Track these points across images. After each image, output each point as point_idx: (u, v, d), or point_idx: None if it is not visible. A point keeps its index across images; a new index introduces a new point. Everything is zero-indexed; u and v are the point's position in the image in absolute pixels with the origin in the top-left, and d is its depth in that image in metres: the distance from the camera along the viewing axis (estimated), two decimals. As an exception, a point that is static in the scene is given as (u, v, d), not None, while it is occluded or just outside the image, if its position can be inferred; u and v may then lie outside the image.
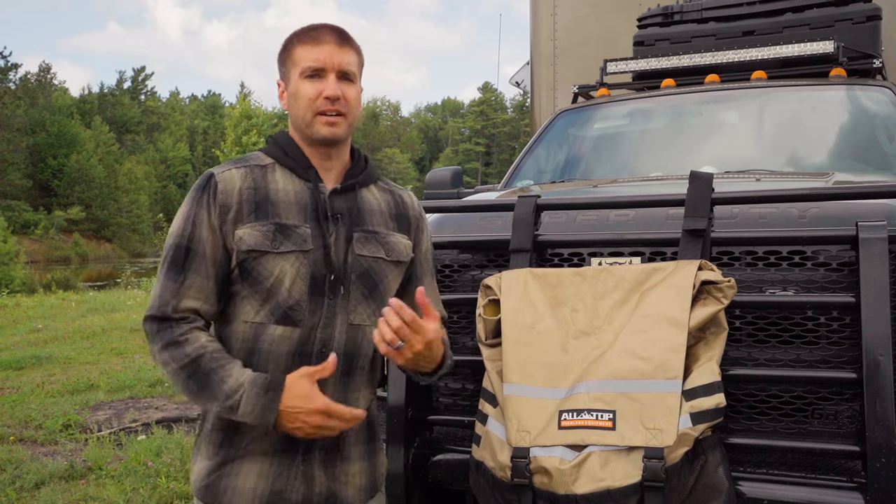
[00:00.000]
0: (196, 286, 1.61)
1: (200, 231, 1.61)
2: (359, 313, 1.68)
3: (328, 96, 1.64)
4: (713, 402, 1.74)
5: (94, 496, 4.12)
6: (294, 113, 1.69)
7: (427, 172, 4.39)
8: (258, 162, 1.70)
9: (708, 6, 4.42)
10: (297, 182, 1.68)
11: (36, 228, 52.08)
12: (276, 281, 1.61)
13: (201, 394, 1.56)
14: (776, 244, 1.97)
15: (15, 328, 11.39)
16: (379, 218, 1.76)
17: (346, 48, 1.69)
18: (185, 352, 1.56)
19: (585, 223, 2.22)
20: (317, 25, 1.71)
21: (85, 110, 68.37)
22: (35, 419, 5.75)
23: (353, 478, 1.71)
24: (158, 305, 1.60)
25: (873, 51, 3.96)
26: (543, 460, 1.79)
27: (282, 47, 1.73)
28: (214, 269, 1.62)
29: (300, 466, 1.64)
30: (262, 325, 1.62)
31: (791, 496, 1.83)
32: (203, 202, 1.63)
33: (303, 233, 1.63)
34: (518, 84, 8.40)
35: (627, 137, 3.99)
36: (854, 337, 1.86)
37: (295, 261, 1.61)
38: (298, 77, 1.66)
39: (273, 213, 1.63)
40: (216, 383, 1.54)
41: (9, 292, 18.10)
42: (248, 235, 1.60)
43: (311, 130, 1.66)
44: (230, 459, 1.63)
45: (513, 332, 1.98)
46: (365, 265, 1.69)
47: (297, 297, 1.61)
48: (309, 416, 1.52)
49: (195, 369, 1.55)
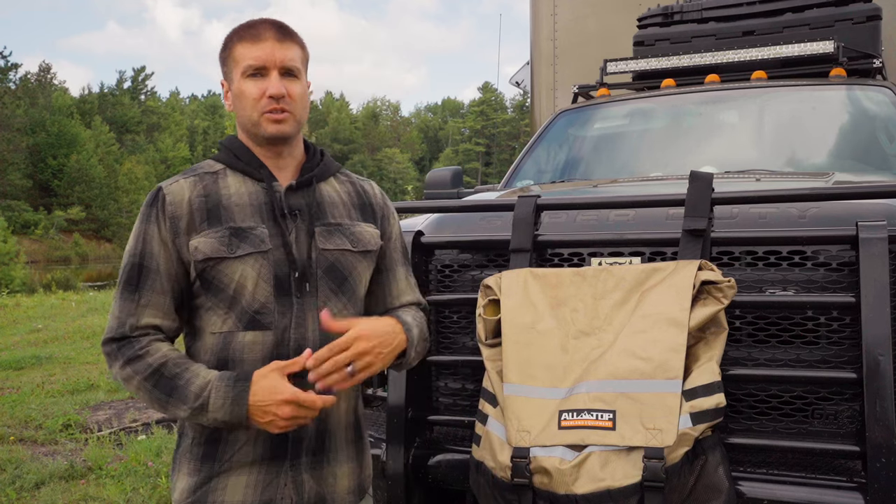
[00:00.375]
0: (153, 303, 1.58)
1: (152, 247, 1.58)
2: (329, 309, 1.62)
3: (272, 95, 1.59)
4: (713, 402, 1.74)
5: (94, 496, 4.12)
6: (240, 114, 1.65)
7: (427, 172, 4.40)
8: (208, 169, 1.67)
9: (708, 6, 4.42)
10: (251, 184, 1.65)
11: (36, 228, 52.07)
12: (238, 286, 1.57)
13: (170, 400, 1.52)
14: (776, 244, 1.97)
15: (15, 328, 11.39)
16: (341, 209, 1.72)
17: (288, 43, 1.64)
18: (147, 363, 1.53)
19: (585, 223, 2.22)
20: (256, 22, 1.66)
21: (85, 110, 68.35)
22: (35, 419, 5.75)
23: (342, 479, 1.69)
24: (116, 326, 1.57)
25: (873, 51, 3.96)
26: (543, 460, 1.79)
27: (222, 46, 1.68)
28: (170, 285, 1.59)
29: (289, 472, 1.60)
30: (231, 334, 1.58)
31: (791, 496, 1.83)
32: (152, 217, 1.60)
33: (259, 234, 1.59)
34: (518, 84, 8.40)
35: (627, 137, 3.99)
36: (854, 337, 1.86)
37: (255, 263, 1.58)
38: (240, 76, 1.62)
39: (227, 218, 1.59)
40: (183, 386, 1.51)
41: (9, 292, 18.10)
42: (203, 244, 1.57)
43: (258, 130, 1.63)
44: (215, 474, 1.59)
45: (513, 332, 1.98)
46: (331, 259, 1.65)
47: (262, 299, 1.58)
48: (279, 407, 1.47)
49: (159, 377, 1.52)
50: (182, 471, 1.63)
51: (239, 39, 1.64)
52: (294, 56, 1.64)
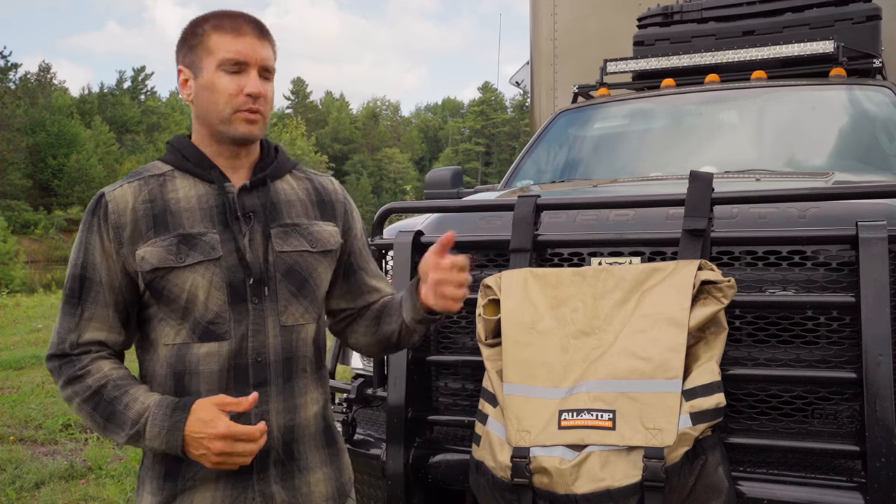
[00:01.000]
0: (97, 317, 1.50)
1: (93, 257, 1.50)
2: (290, 313, 1.57)
3: (251, 93, 1.51)
4: (713, 402, 1.74)
5: (94, 496, 4.12)
6: (206, 107, 1.54)
7: (427, 172, 4.40)
8: (154, 171, 1.57)
9: (708, 6, 4.42)
10: (201, 186, 1.55)
11: (36, 228, 52.08)
12: (189, 296, 1.49)
13: (108, 425, 1.45)
14: (776, 244, 1.97)
15: (15, 328, 11.39)
16: (298, 208, 1.64)
17: (266, 42, 1.56)
18: (86, 384, 1.46)
19: (585, 223, 2.22)
20: (233, 13, 1.56)
21: (85, 110, 68.35)
22: (35, 419, 5.75)
23: (317, 486, 1.61)
24: (58, 343, 1.50)
25: (873, 51, 3.96)
26: (543, 460, 1.79)
27: (189, 31, 1.57)
28: (114, 297, 1.51)
29: (256, 486, 1.53)
30: (185, 346, 1.50)
31: (791, 496, 1.83)
32: (94, 226, 1.51)
33: (209, 240, 1.51)
34: (518, 84, 8.40)
35: (627, 137, 3.99)
36: (854, 337, 1.86)
37: (205, 271, 1.49)
38: (216, 68, 1.51)
39: (175, 225, 1.50)
40: (121, 411, 1.44)
41: (9, 292, 18.10)
42: (150, 254, 1.48)
43: (228, 128, 1.53)
44: (178, 492, 1.51)
45: (513, 331, 1.98)
46: (289, 261, 1.57)
47: (216, 309, 1.50)
48: (211, 442, 1.39)
49: (98, 400, 1.45)
50: (145, 490, 1.55)
51: (215, 29, 1.53)
52: (270, 55, 1.57)
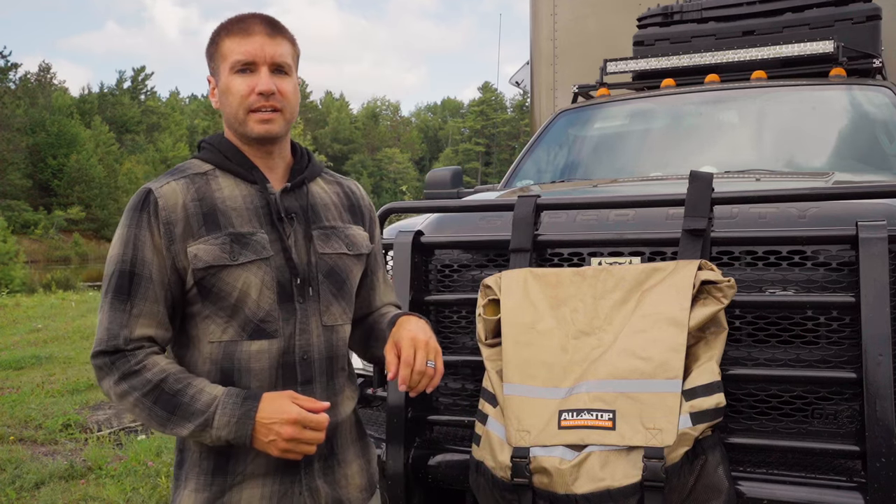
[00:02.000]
0: (147, 312, 1.49)
1: (144, 253, 1.49)
2: (331, 314, 1.62)
3: (261, 91, 1.52)
4: (713, 402, 1.74)
5: (94, 496, 4.12)
6: (226, 111, 1.58)
7: (427, 172, 4.40)
8: (197, 170, 1.58)
9: (708, 6, 4.42)
10: (243, 186, 1.57)
11: (36, 228, 52.06)
12: (240, 294, 1.51)
13: (172, 417, 1.45)
14: (776, 244, 1.97)
15: (15, 328, 11.39)
16: (334, 212, 1.68)
17: (279, 38, 1.57)
18: (145, 378, 1.45)
19: (585, 223, 2.22)
20: (245, 16, 1.59)
21: (85, 110, 68.33)
22: (35, 419, 5.75)
23: (353, 478, 1.67)
24: (108, 339, 1.47)
25: (873, 51, 3.96)
26: (543, 460, 1.79)
27: (209, 41, 1.60)
28: (164, 293, 1.51)
29: (303, 481, 1.57)
30: (234, 343, 1.52)
31: (791, 496, 1.82)
32: (143, 222, 1.50)
33: (260, 239, 1.53)
34: (518, 84, 8.40)
35: (627, 137, 3.99)
36: (854, 337, 1.86)
37: (257, 270, 1.52)
38: (228, 72, 1.54)
39: (225, 223, 1.52)
40: (187, 403, 1.44)
41: (9, 292, 18.09)
42: (203, 251, 1.49)
43: (245, 129, 1.56)
44: (228, 487, 1.52)
45: (513, 331, 1.98)
46: (330, 263, 1.62)
47: (266, 307, 1.53)
48: (282, 427, 1.42)
49: (160, 394, 1.44)
50: (189, 487, 1.54)
51: (227, 33, 1.56)
52: (284, 52, 1.57)
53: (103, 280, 1.53)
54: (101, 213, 58.82)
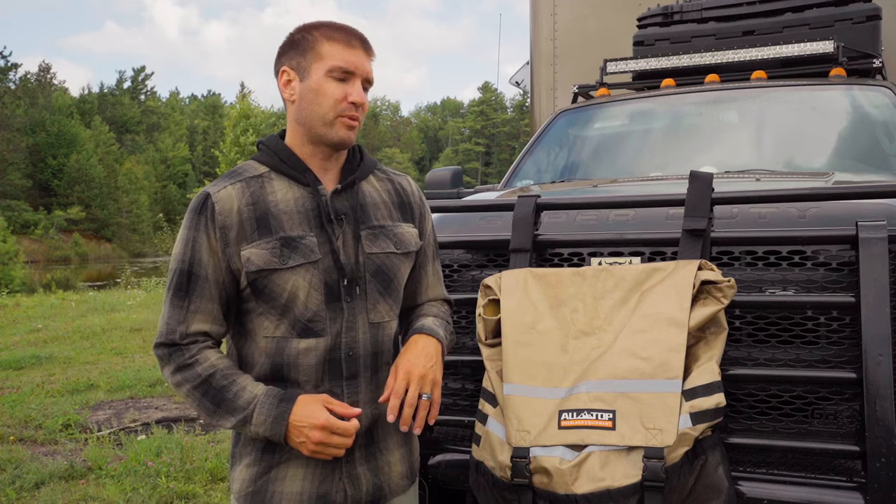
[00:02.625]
0: (202, 310, 1.61)
1: (201, 255, 1.60)
2: (378, 311, 1.69)
3: (355, 101, 1.63)
4: (713, 402, 1.74)
5: (94, 496, 4.12)
6: (310, 109, 1.65)
7: (427, 172, 4.40)
8: (253, 173, 1.67)
9: (708, 6, 4.42)
10: (296, 188, 1.66)
11: (36, 228, 52.07)
12: (290, 296, 1.60)
13: (217, 410, 1.58)
14: (776, 244, 1.97)
15: (15, 328, 11.39)
16: (383, 210, 1.75)
17: (371, 56, 1.70)
18: (196, 372, 1.58)
19: (585, 223, 2.22)
20: (344, 26, 1.69)
21: (85, 110, 68.37)
22: (35, 419, 5.75)
23: (395, 466, 1.74)
24: (167, 332, 1.61)
25: (873, 51, 3.96)
26: (543, 460, 1.79)
27: (300, 36, 1.68)
28: (218, 292, 1.62)
29: (344, 468, 1.66)
30: (285, 339, 1.62)
31: (791, 496, 1.82)
32: (201, 225, 1.61)
33: (309, 243, 1.61)
34: (518, 84, 8.39)
35: (627, 137, 3.99)
36: (854, 337, 1.86)
37: (305, 273, 1.60)
38: (325, 74, 1.63)
39: (276, 228, 1.61)
40: (231, 399, 1.57)
41: (9, 292, 18.10)
42: (255, 255, 1.59)
43: (329, 131, 1.64)
44: (275, 464, 1.64)
45: (513, 331, 1.98)
46: (377, 262, 1.69)
47: (314, 308, 1.62)
48: (311, 431, 1.53)
49: (208, 388, 1.57)
50: (243, 462, 1.68)
51: (328, 38, 1.65)
52: (373, 70, 1.69)
53: (167, 276, 1.66)
54: (101, 213, 58.84)
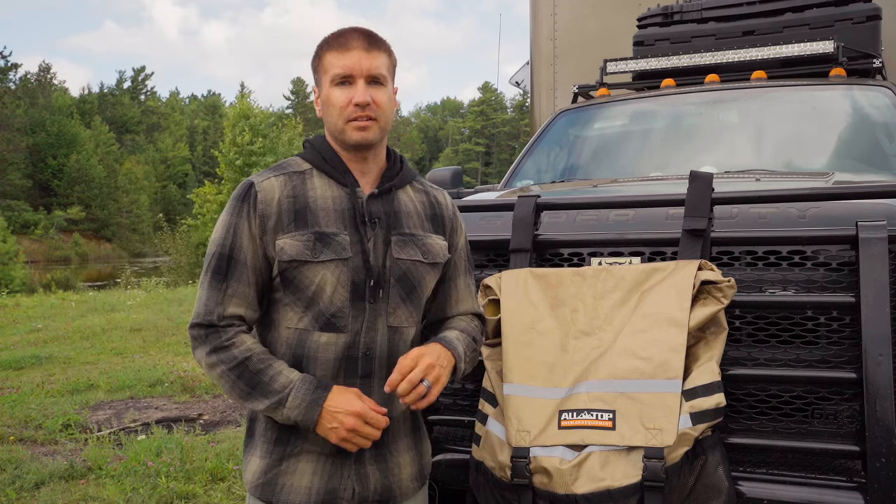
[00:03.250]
0: (239, 294, 1.65)
1: (241, 240, 1.66)
2: (397, 316, 1.71)
3: (357, 103, 1.66)
4: (713, 402, 1.74)
5: (94, 496, 4.12)
6: (327, 119, 1.72)
7: (427, 172, 4.40)
8: (296, 168, 1.74)
9: (708, 6, 4.42)
10: (335, 188, 1.71)
11: (36, 228, 52.07)
12: (317, 289, 1.65)
13: (252, 392, 1.61)
14: (776, 244, 1.97)
15: (15, 328, 11.39)
16: (416, 220, 1.78)
17: (375, 52, 1.70)
18: (232, 354, 1.61)
19: (585, 223, 2.22)
20: (345, 31, 1.73)
21: (85, 110, 68.39)
22: (35, 419, 5.75)
23: (405, 468, 1.76)
24: (204, 313, 1.64)
25: (873, 51, 3.96)
26: (543, 460, 1.79)
27: (314, 54, 1.75)
28: (255, 277, 1.66)
29: (353, 466, 1.69)
30: (307, 332, 1.67)
31: (791, 496, 1.83)
32: (243, 212, 1.66)
33: (342, 240, 1.66)
34: (518, 84, 8.39)
35: (627, 137, 3.99)
36: (854, 337, 1.86)
37: (335, 269, 1.65)
38: (329, 84, 1.69)
39: (312, 222, 1.66)
40: (267, 382, 1.60)
41: (9, 292, 18.10)
42: (289, 245, 1.64)
43: (344, 136, 1.69)
44: (286, 457, 1.68)
45: (513, 331, 1.98)
46: (403, 268, 1.72)
47: (339, 304, 1.66)
48: (346, 416, 1.57)
49: (244, 370, 1.61)
50: (256, 454, 1.72)
51: (328, 48, 1.71)
52: (380, 64, 1.70)
53: (205, 259, 1.70)
54: (101, 213, 58.84)
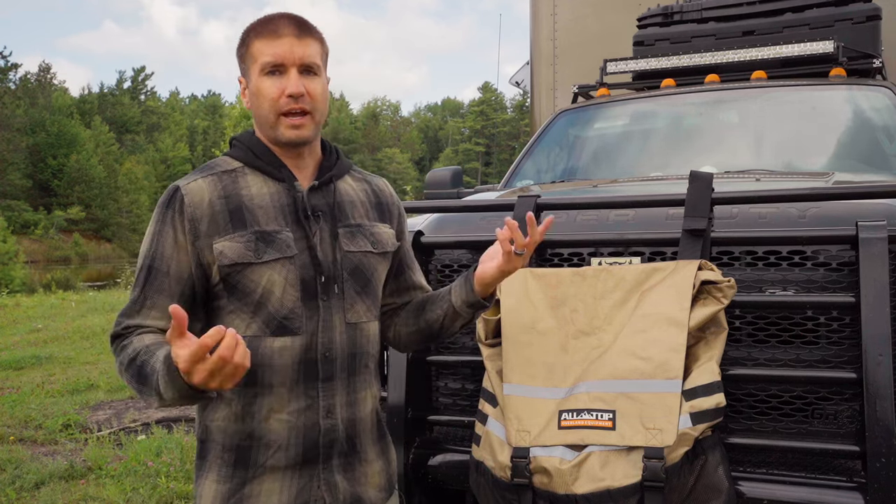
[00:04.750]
0: (157, 306, 1.52)
1: (164, 249, 1.53)
2: (355, 311, 1.63)
3: (291, 94, 1.54)
4: (713, 402, 1.74)
5: (94, 496, 4.12)
6: (257, 112, 1.60)
7: (427, 172, 4.40)
8: (225, 167, 1.61)
9: (708, 6, 4.42)
10: (271, 184, 1.60)
11: (36, 228, 52.09)
12: (264, 292, 1.53)
13: (144, 389, 1.42)
14: (776, 244, 1.97)
15: (15, 328, 11.39)
16: (360, 209, 1.70)
17: (307, 39, 1.57)
18: (127, 353, 1.47)
19: (585, 223, 2.22)
20: (274, 16, 1.60)
21: (85, 110, 68.38)
22: (35, 419, 5.75)
23: (373, 478, 1.68)
24: (116, 325, 1.53)
25: (873, 51, 3.96)
26: (543, 460, 1.79)
27: (239, 41, 1.62)
28: (180, 288, 1.53)
29: (321, 475, 1.59)
30: (257, 338, 1.54)
31: (791, 496, 1.83)
32: (167, 218, 1.54)
33: (285, 238, 1.56)
34: (518, 84, 8.39)
35: (627, 137, 3.99)
36: (854, 337, 1.86)
37: (281, 268, 1.54)
38: (258, 74, 1.56)
39: (251, 221, 1.54)
40: (148, 374, 1.40)
41: (9, 292, 18.09)
42: (229, 248, 1.52)
43: (276, 133, 1.58)
44: (248, 479, 1.56)
45: (513, 331, 1.98)
46: (355, 261, 1.63)
47: (290, 305, 1.55)
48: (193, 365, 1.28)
49: (135, 368, 1.44)
50: (210, 477, 1.58)
51: (256, 35, 1.58)
52: (313, 52, 1.58)
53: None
54: (101, 213, 58.84)
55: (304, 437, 1.56)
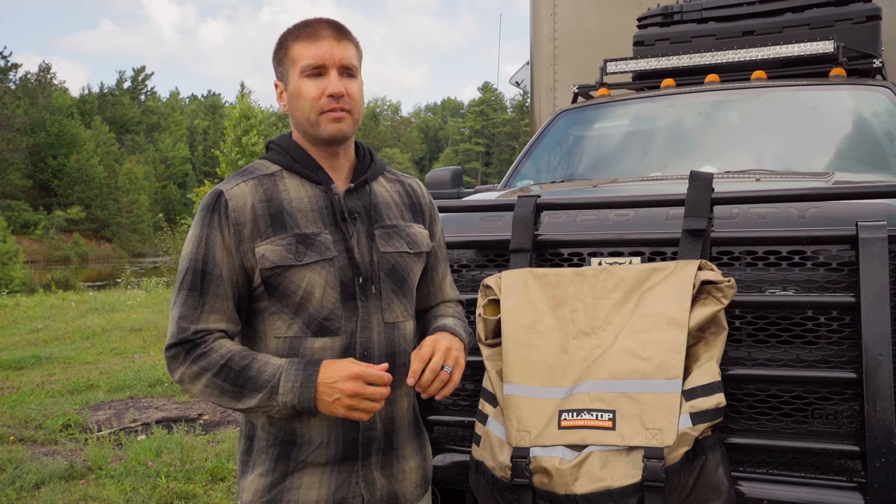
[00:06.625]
0: (218, 309, 1.57)
1: (214, 253, 1.57)
2: (392, 311, 1.67)
3: (332, 94, 1.59)
4: (713, 402, 1.74)
5: (94, 496, 4.12)
6: (296, 114, 1.64)
7: (427, 172, 4.40)
8: (265, 171, 1.65)
9: (708, 6, 4.42)
10: (309, 187, 1.64)
11: (36, 228, 52.09)
12: (305, 293, 1.58)
13: (242, 391, 1.51)
14: (776, 244, 1.97)
15: (15, 328, 11.39)
16: (395, 210, 1.74)
17: (345, 42, 1.63)
18: (214, 359, 1.52)
19: (585, 223, 2.22)
20: (311, 21, 1.65)
21: (85, 110, 68.41)
22: (35, 419, 5.75)
23: (410, 475, 1.72)
24: (178, 332, 1.55)
25: (873, 51, 3.96)
26: (543, 460, 1.79)
27: (277, 46, 1.68)
28: (232, 290, 1.58)
29: (360, 472, 1.63)
30: (298, 339, 1.59)
31: (791, 496, 1.82)
32: (214, 223, 1.57)
33: (324, 240, 1.59)
34: (518, 84, 8.40)
35: (627, 137, 3.99)
36: (854, 337, 1.86)
37: (321, 270, 1.58)
38: (299, 76, 1.61)
39: (291, 225, 1.59)
40: (254, 376, 1.51)
41: (9, 292, 18.10)
42: (270, 252, 1.56)
43: (318, 130, 1.62)
44: (290, 473, 1.61)
45: (513, 331, 1.98)
46: (391, 261, 1.68)
47: (329, 306, 1.59)
48: (344, 383, 1.47)
49: (229, 371, 1.51)
50: (255, 471, 1.64)
51: (295, 39, 1.63)
52: (351, 54, 1.64)
53: (177, 276, 1.61)
54: (101, 213, 58.84)
55: (343, 435, 1.61)
